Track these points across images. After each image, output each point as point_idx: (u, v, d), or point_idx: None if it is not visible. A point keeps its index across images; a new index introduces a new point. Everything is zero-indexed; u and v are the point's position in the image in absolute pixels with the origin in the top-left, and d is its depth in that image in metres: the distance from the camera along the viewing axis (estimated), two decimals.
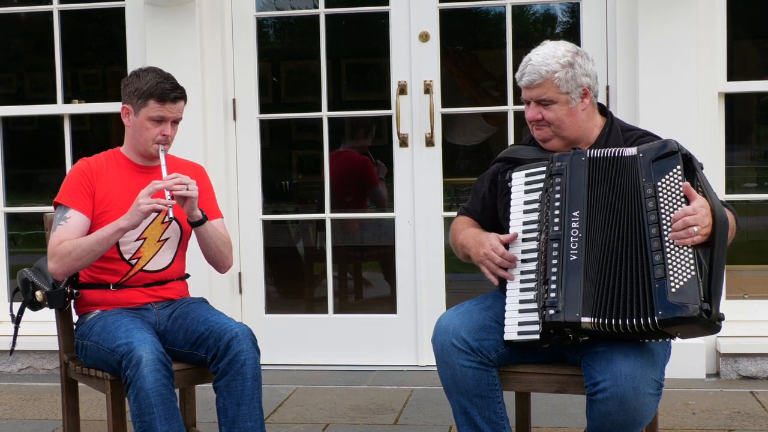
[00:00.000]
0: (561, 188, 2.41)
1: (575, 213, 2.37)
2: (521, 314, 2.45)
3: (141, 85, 2.87)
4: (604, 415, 2.31)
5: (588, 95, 2.58)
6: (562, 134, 2.58)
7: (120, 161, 2.98)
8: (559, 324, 2.30)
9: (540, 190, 2.48)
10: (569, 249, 2.34)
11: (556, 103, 2.55)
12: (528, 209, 2.51)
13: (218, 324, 2.75)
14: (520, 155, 2.67)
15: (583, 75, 2.55)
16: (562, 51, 2.55)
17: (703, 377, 4.06)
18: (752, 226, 6.30)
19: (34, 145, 6.80)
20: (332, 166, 4.54)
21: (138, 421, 2.59)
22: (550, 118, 2.56)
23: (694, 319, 2.19)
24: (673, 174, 2.31)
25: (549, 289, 2.33)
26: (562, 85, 2.53)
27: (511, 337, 2.46)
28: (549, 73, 2.52)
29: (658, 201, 2.30)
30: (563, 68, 2.53)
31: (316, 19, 4.43)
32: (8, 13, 4.82)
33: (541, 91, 2.55)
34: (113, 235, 2.77)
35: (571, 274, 2.32)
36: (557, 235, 2.37)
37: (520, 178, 2.55)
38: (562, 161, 2.45)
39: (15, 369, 4.51)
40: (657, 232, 2.28)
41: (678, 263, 2.24)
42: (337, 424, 3.59)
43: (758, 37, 5.66)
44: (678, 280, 2.22)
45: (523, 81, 2.58)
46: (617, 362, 2.30)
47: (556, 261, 2.35)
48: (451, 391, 2.52)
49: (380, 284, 5.63)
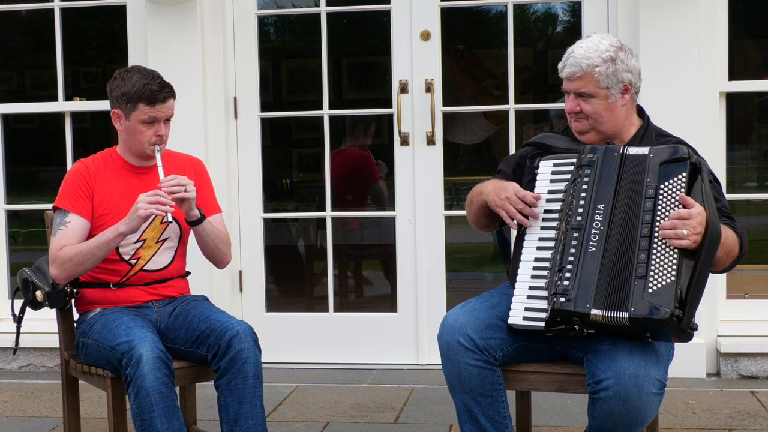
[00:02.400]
0: (589, 180, 2.41)
1: (600, 206, 2.37)
2: (529, 300, 2.44)
3: (128, 88, 2.82)
4: (606, 413, 2.31)
5: (629, 91, 2.57)
6: (599, 128, 2.58)
7: (117, 163, 2.96)
8: (568, 312, 2.30)
9: (565, 182, 2.49)
10: (589, 240, 2.34)
11: (596, 97, 2.54)
12: (551, 198, 2.51)
13: (219, 322, 2.74)
14: (552, 143, 2.67)
15: (624, 71, 2.54)
16: (606, 45, 2.54)
17: (704, 377, 4.06)
18: (752, 225, 6.29)
19: (35, 143, 6.80)
20: (333, 164, 4.54)
21: (138, 419, 2.59)
22: (588, 111, 2.56)
23: (664, 323, 2.21)
24: (677, 180, 2.33)
25: (563, 276, 2.33)
26: (603, 79, 2.52)
27: (515, 321, 2.45)
28: (590, 67, 2.52)
29: (657, 202, 2.31)
30: (605, 63, 2.52)
31: (318, 17, 4.43)
32: (9, 11, 4.81)
33: (580, 84, 2.54)
34: (113, 239, 2.76)
35: (587, 264, 2.32)
36: (579, 225, 2.37)
37: (547, 167, 2.56)
38: (595, 153, 2.45)
39: (15, 366, 4.51)
40: (648, 232, 2.30)
41: (660, 266, 2.26)
42: (337, 423, 3.59)
43: (759, 36, 5.66)
44: (656, 282, 2.24)
45: (564, 72, 2.57)
46: (621, 361, 2.30)
47: (574, 250, 2.35)
48: (456, 389, 2.51)
49: (381, 283, 5.64)
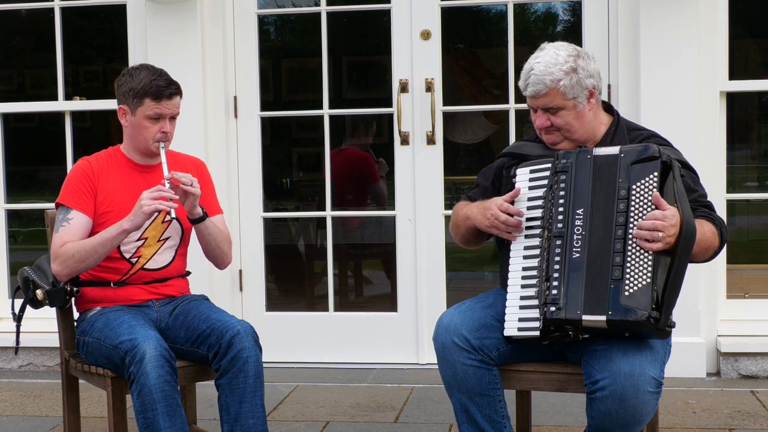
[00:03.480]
0: (566, 185, 2.40)
1: (579, 211, 2.37)
2: (522, 310, 2.45)
3: (135, 84, 2.84)
4: (604, 413, 2.31)
5: (594, 95, 2.58)
6: (572, 137, 2.58)
7: (120, 161, 2.97)
8: (560, 321, 2.31)
9: (544, 187, 2.48)
10: (572, 246, 2.34)
11: (564, 109, 2.54)
12: (531, 206, 2.51)
13: (220, 321, 2.75)
14: (526, 151, 2.67)
15: (587, 77, 2.54)
16: (563, 56, 2.53)
17: (704, 376, 4.06)
18: (752, 225, 6.30)
19: (35, 142, 6.81)
20: (333, 163, 4.54)
21: (141, 417, 2.59)
22: (560, 124, 2.56)
23: (641, 324, 2.23)
24: (648, 179, 2.31)
25: (551, 286, 2.33)
26: (568, 91, 2.52)
27: (511, 333, 2.46)
28: (554, 82, 2.51)
29: (630, 204, 2.31)
30: (567, 75, 2.51)
31: (318, 16, 4.43)
32: (10, 10, 4.81)
33: (547, 100, 2.54)
34: (117, 236, 2.77)
35: (573, 271, 2.32)
36: (560, 233, 2.37)
37: (524, 174, 2.55)
38: (568, 158, 2.44)
39: (15, 366, 4.51)
40: (622, 234, 2.29)
41: (636, 268, 2.26)
42: (337, 422, 3.59)
43: (759, 36, 5.66)
44: (632, 285, 2.25)
45: (528, 91, 2.56)
46: (616, 360, 2.30)
47: (558, 258, 2.35)
48: (452, 389, 2.52)
49: (381, 282, 5.64)
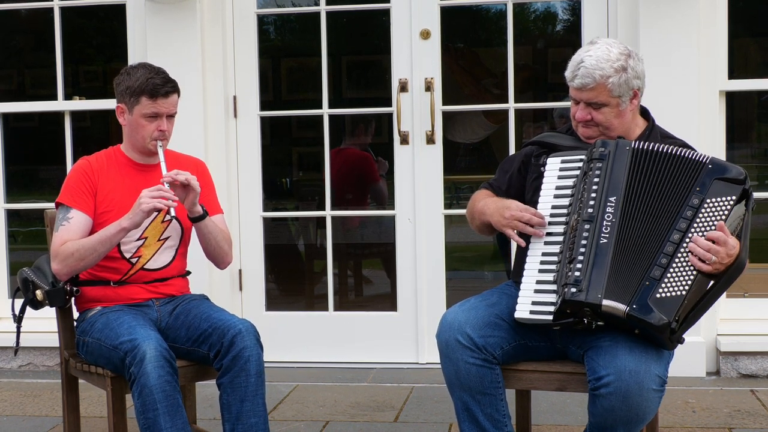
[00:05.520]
0: (601, 173, 2.41)
1: (612, 198, 2.38)
2: (536, 294, 2.45)
3: (132, 82, 2.85)
4: (607, 410, 2.31)
5: (637, 96, 2.59)
6: (608, 134, 2.58)
7: (120, 160, 2.97)
8: (579, 303, 2.29)
9: (573, 178, 2.49)
10: (601, 232, 2.34)
11: (608, 105, 2.54)
12: (559, 194, 2.51)
13: (222, 321, 2.75)
14: (557, 142, 2.67)
15: (634, 78, 2.54)
16: (615, 54, 2.53)
17: (704, 375, 4.06)
18: (752, 224, 6.28)
19: (35, 142, 6.81)
20: (333, 163, 4.54)
21: (142, 417, 2.59)
22: (600, 119, 2.57)
23: (658, 328, 2.25)
24: (725, 200, 2.34)
25: (574, 267, 2.32)
26: (615, 89, 2.52)
27: (522, 315, 2.45)
28: (603, 78, 2.51)
29: (697, 215, 2.32)
30: (617, 73, 2.51)
31: (317, 16, 4.43)
32: (9, 10, 4.81)
33: (593, 95, 2.54)
34: (116, 235, 2.77)
35: (599, 255, 2.32)
36: (591, 217, 2.37)
37: (555, 164, 2.56)
38: (606, 147, 2.45)
39: (15, 366, 4.51)
40: (678, 239, 2.31)
41: (677, 276, 2.28)
42: (337, 422, 3.59)
43: (759, 35, 5.66)
44: (667, 290, 2.26)
45: (575, 83, 2.55)
46: (621, 357, 2.30)
47: (585, 242, 2.35)
48: (454, 387, 2.52)
49: (380, 282, 5.64)
